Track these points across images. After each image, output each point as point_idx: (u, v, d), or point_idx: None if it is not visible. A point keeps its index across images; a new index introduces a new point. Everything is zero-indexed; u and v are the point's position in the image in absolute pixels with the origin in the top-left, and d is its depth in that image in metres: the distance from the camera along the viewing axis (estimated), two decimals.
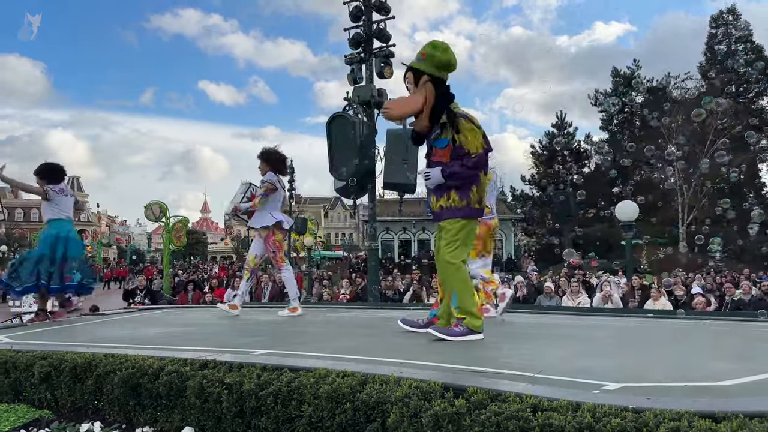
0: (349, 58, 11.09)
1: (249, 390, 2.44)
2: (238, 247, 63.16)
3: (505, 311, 5.61)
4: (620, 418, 1.79)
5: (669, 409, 1.83)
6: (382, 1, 10.95)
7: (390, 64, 10.93)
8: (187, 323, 5.58)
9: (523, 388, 2.14)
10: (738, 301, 9.46)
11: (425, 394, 2.12)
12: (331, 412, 2.23)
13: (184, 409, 2.64)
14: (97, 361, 3.02)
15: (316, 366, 2.55)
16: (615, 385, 2.43)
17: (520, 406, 1.94)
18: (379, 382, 2.27)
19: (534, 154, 43.19)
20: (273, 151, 6.31)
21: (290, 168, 27.04)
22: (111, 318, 6.47)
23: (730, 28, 39.53)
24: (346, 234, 69.26)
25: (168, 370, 2.74)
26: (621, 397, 2.12)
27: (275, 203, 6.24)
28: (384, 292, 11.50)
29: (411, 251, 33.19)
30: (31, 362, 3.24)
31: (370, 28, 11.05)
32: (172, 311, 7.49)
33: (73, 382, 3.05)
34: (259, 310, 6.47)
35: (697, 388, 2.42)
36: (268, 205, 6.18)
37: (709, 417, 1.77)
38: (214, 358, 2.85)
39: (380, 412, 2.14)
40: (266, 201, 6.15)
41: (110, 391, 2.88)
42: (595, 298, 9.90)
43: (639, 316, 6.06)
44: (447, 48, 3.99)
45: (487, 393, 2.07)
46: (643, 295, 10.02)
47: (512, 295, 5.87)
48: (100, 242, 58.92)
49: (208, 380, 2.59)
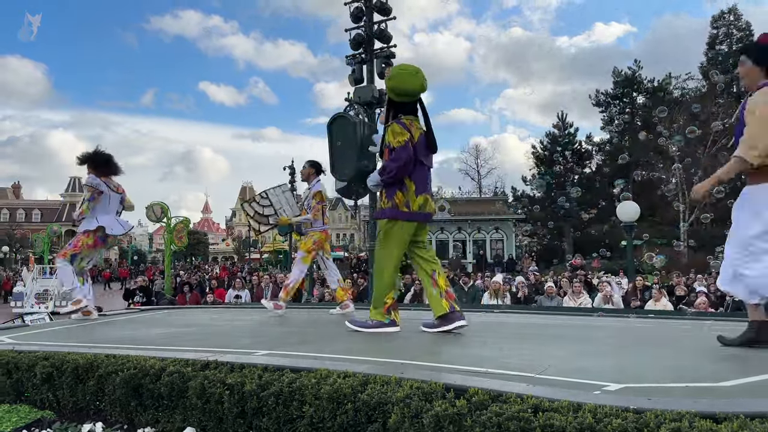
0: (350, 58, 11.11)
1: (250, 391, 2.45)
2: (240, 247, 63.21)
3: (339, 313, 6.10)
4: (621, 418, 1.80)
5: (670, 409, 1.83)
6: (383, 2, 10.96)
7: (391, 65, 10.94)
8: (189, 324, 5.58)
9: (524, 389, 2.14)
10: (739, 302, 9.44)
11: (426, 395, 2.13)
12: (333, 413, 2.23)
13: (185, 409, 2.64)
14: (98, 362, 3.03)
15: (318, 367, 2.55)
16: (616, 385, 2.43)
17: (521, 406, 1.94)
18: (380, 382, 2.28)
19: (535, 155, 43.18)
20: (93, 154, 6.19)
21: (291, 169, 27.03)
22: (112, 318, 6.47)
23: (731, 29, 39.52)
24: (347, 234, 69.28)
25: (170, 370, 2.74)
26: (622, 397, 2.12)
27: (105, 207, 6.15)
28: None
29: None
30: (33, 363, 3.25)
31: (371, 29, 11.06)
32: (174, 312, 7.50)
33: (74, 382, 3.06)
34: (261, 311, 6.47)
35: (698, 388, 2.42)
36: (97, 209, 6.11)
37: (710, 417, 1.77)
38: (215, 359, 2.85)
39: (381, 413, 2.14)
40: (94, 205, 6.08)
41: (112, 392, 2.88)
42: (596, 298, 9.89)
43: (640, 316, 6.05)
44: (397, 75, 4.31)
45: (488, 393, 2.07)
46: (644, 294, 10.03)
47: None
48: None
49: (209, 381, 2.60)
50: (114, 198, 6.24)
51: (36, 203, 68.00)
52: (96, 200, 6.07)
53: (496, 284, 10.64)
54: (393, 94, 4.31)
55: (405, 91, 4.27)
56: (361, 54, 11.13)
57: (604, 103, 42.56)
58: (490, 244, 32.92)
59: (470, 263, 29.63)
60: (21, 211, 65.28)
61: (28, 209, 65.58)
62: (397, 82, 4.25)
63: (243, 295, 12.16)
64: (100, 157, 6.19)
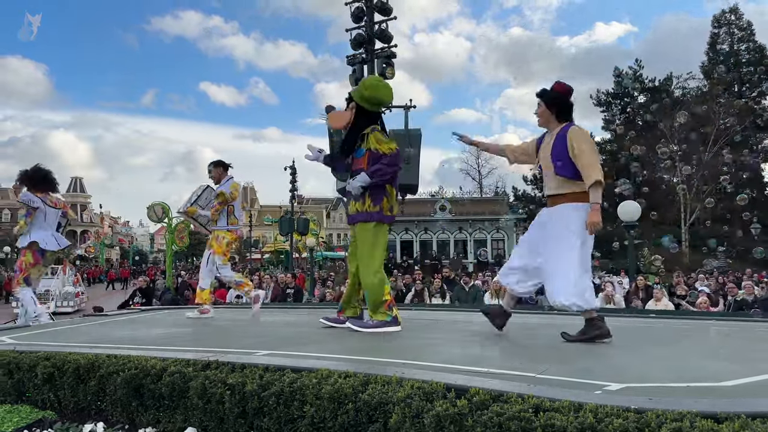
0: (351, 58, 11.10)
1: (251, 391, 2.45)
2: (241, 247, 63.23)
3: (259, 312, 6.19)
4: (622, 418, 1.79)
5: (671, 409, 1.83)
6: (384, 2, 10.96)
7: (392, 65, 10.95)
8: (189, 324, 5.59)
9: (525, 389, 2.14)
10: (741, 302, 9.43)
11: (427, 395, 2.13)
12: (334, 413, 2.23)
13: (186, 409, 2.64)
14: (100, 362, 3.03)
15: (319, 366, 2.55)
16: (617, 385, 2.43)
17: (522, 406, 1.94)
18: (381, 382, 2.28)
19: None
20: (30, 171, 6.26)
21: (292, 169, 27.04)
22: (113, 319, 6.48)
23: (733, 28, 39.48)
24: (348, 234, 69.30)
25: (171, 370, 2.74)
26: (623, 397, 2.12)
27: (41, 222, 6.17)
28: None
29: (413, 252, 33.17)
30: (35, 363, 3.25)
31: (372, 28, 11.06)
32: (174, 312, 7.50)
33: (76, 382, 3.06)
34: (262, 310, 6.47)
35: (699, 388, 2.42)
36: (34, 224, 6.14)
37: (711, 417, 1.77)
38: (216, 359, 2.85)
39: (382, 413, 2.14)
40: (30, 221, 6.14)
41: (113, 392, 2.88)
42: (597, 298, 9.89)
43: (641, 316, 6.05)
44: (375, 86, 4.66)
45: (489, 393, 2.07)
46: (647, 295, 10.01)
47: (263, 296, 6.61)
48: (103, 243, 59.03)
49: (210, 381, 2.60)
50: (51, 213, 6.29)
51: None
52: (32, 216, 6.15)
53: (497, 284, 10.63)
54: (367, 103, 4.56)
55: (380, 101, 4.63)
56: (361, 54, 11.12)
57: (605, 103, 42.54)
58: (491, 244, 32.92)
59: (471, 263, 29.63)
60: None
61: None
62: (373, 92, 4.57)
63: (244, 296, 12.15)
64: (37, 173, 6.32)
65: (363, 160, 4.49)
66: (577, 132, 3.88)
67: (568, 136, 3.86)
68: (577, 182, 3.84)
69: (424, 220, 33.30)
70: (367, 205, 4.48)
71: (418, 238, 34.15)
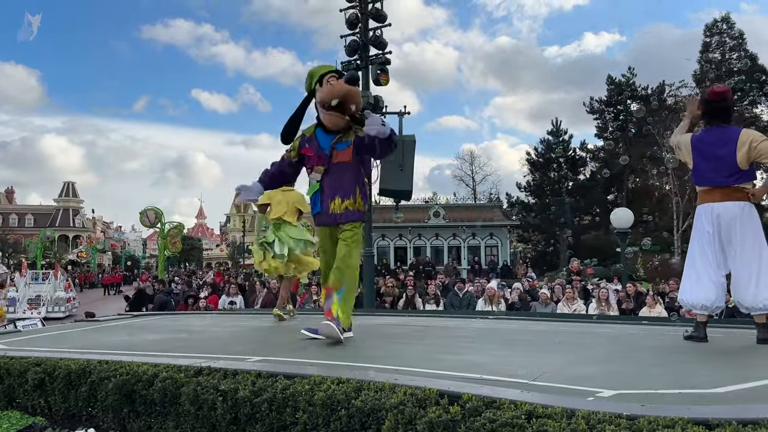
0: (345, 65, 11.12)
1: (244, 397, 2.44)
2: (234, 253, 63.00)
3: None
4: (614, 425, 1.80)
5: (663, 416, 1.84)
6: (379, 8, 11.00)
7: (386, 72, 10.97)
8: (182, 330, 5.56)
9: (518, 395, 2.15)
10: (732, 308, 9.46)
11: (420, 401, 2.13)
12: (326, 419, 2.23)
13: (178, 416, 2.63)
14: (91, 368, 3.01)
15: (311, 373, 2.55)
16: (609, 392, 2.43)
17: (515, 413, 1.94)
18: (374, 389, 2.27)
19: (529, 161, 43.30)
20: None
21: None
22: (105, 324, 6.43)
23: (724, 37, 39.85)
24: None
25: (162, 376, 2.73)
26: (615, 404, 2.13)
27: None
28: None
29: (407, 258, 33.14)
30: (25, 368, 3.23)
31: (367, 35, 11.09)
32: (167, 317, 7.46)
33: (66, 388, 3.04)
34: (254, 317, 6.45)
35: (690, 395, 2.43)
36: None
37: (702, 424, 1.78)
38: (208, 365, 2.84)
39: (375, 419, 2.14)
40: None
41: (104, 398, 2.87)
42: (591, 305, 9.91)
43: (633, 323, 6.07)
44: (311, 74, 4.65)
45: (481, 400, 2.07)
46: (638, 301, 10.04)
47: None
48: (95, 248, 58.65)
49: (202, 387, 2.59)
50: None
51: (29, 208, 67.53)
52: None
53: (491, 290, 10.63)
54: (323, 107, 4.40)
55: (309, 81, 4.64)
56: (356, 60, 11.15)
57: (598, 111, 42.75)
58: (485, 251, 32.97)
59: (465, 269, 29.63)
60: (14, 216, 64.78)
61: (21, 214, 65.13)
62: (325, 95, 4.33)
63: (237, 302, 12.11)
64: None
65: (347, 152, 4.34)
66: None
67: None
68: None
69: (417, 226, 33.30)
70: (357, 203, 4.38)
71: (412, 245, 34.13)
